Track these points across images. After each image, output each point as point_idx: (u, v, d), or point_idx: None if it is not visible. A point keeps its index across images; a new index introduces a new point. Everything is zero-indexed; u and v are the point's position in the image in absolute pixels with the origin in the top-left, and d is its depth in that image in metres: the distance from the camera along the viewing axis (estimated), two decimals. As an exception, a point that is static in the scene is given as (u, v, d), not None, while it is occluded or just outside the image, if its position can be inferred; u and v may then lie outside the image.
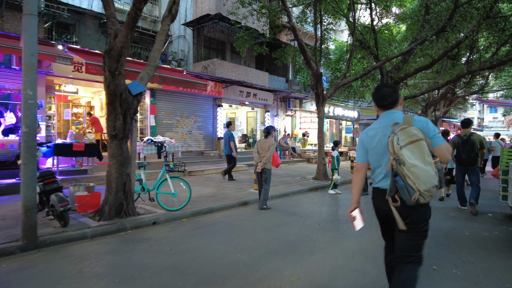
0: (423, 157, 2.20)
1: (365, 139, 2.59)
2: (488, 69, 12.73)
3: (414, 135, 2.22)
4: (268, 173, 6.65)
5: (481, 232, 5.01)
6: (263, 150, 6.62)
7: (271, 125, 7.29)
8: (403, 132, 2.24)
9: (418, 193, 2.17)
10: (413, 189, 2.18)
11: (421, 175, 2.16)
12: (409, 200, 2.21)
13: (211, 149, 14.66)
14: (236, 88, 15.25)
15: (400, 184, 2.22)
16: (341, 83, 10.58)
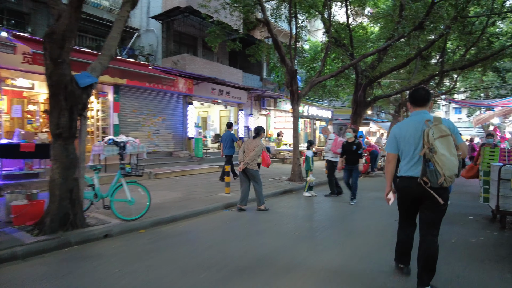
0: (450, 149, 2.77)
1: (398, 132, 3.13)
2: (460, 69, 12.82)
3: (444, 131, 2.81)
4: (254, 173, 6.45)
5: (468, 238, 4.67)
6: (249, 151, 6.44)
7: (260, 126, 7.00)
8: (436, 128, 2.83)
9: (443, 177, 2.74)
10: (440, 174, 2.75)
11: (447, 163, 2.73)
12: (435, 183, 2.80)
13: (180, 150, 13.84)
14: (208, 85, 14.52)
15: (431, 168, 2.79)
16: (316, 81, 10.17)
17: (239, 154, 6.60)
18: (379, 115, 34.12)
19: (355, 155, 7.39)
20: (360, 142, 7.49)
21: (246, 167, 6.37)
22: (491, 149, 5.77)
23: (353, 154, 7.41)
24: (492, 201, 5.44)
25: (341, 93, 21.42)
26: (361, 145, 7.43)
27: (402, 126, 3.13)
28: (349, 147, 7.46)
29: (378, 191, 9.25)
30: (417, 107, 3.13)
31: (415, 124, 3.00)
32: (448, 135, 2.80)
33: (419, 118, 3.02)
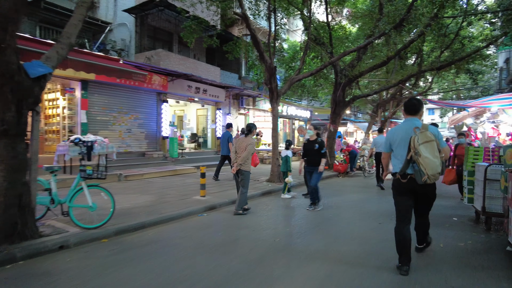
0: (433, 152, 3.24)
1: (391, 136, 3.68)
2: (438, 69, 12.90)
3: (429, 137, 3.28)
4: (246, 174, 6.14)
5: (456, 242, 4.43)
6: (240, 150, 6.11)
7: (252, 123, 6.74)
8: (422, 134, 3.29)
9: (427, 176, 3.23)
10: (424, 173, 3.24)
11: (430, 164, 3.21)
12: (420, 180, 3.29)
13: (154, 150, 13.17)
14: (184, 82, 13.92)
15: (416, 168, 3.32)
16: (296, 78, 9.85)
17: (231, 155, 6.34)
18: (356, 116, 34.48)
19: (317, 155, 6.57)
20: (323, 141, 6.65)
21: (239, 169, 6.08)
22: (475, 148, 5.60)
23: (314, 154, 6.60)
24: (477, 202, 5.26)
25: (320, 93, 21.37)
26: (323, 144, 6.60)
27: (395, 131, 3.68)
28: (310, 146, 6.65)
29: (359, 193, 9.05)
30: (409, 115, 3.66)
31: (406, 131, 3.53)
32: (432, 140, 3.29)
33: (410, 125, 3.53)
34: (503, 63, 21.80)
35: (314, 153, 6.61)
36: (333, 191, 9.25)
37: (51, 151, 10.54)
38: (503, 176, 3.94)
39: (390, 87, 14.41)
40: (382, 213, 6.18)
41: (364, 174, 13.17)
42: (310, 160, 6.69)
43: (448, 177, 7.54)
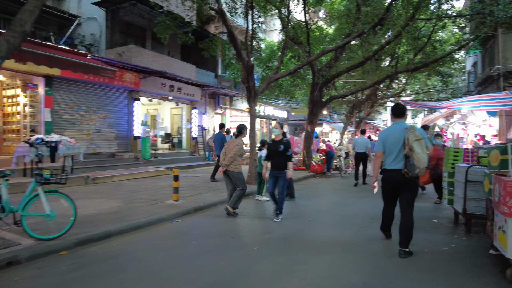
0: (423, 148, 3.81)
1: (384, 137, 4.18)
2: (413, 70, 13.08)
3: (418, 136, 3.85)
4: (236, 175, 5.99)
5: (439, 246, 4.30)
6: (229, 151, 6.01)
7: (243, 124, 6.54)
8: (412, 133, 3.87)
9: (419, 169, 3.76)
10: (417, 167, 3.77)
11: (421, 159, 3.76)
12: (414, 173, 3.82)
13: (125, 151, 12.51)
14: (157, 79, 13.34)
15: (411, 163, 3.81)
16: (274, 77, 9.61)
17: (221, 156, 6.24)
18: (332, 116, 34.86)
19: (283, 158, 5.77)
20: (289, 142, 5.91)
21: (227, 169, 5.95)
22: (455, 149, 5.55)
23: (279, 156, 5.78)
24: (457, 203, 5.20)
25: (297, 94, 21.33)
26: (289, 145, 5.83)
27: (388, 132, 4.21)
28: (275, 147, 5.84)
29: (337, 194, 8.93)
30: (397, 118, 4.29)
31: (398, 131, 4.07)
32: (421, 138, 3.85)
33: (400, 126, 4.12)
34: (471, 67, 22.63)
35: (279, 155, 5.81)
36: (311, 192, 9.08)
37: (11, 152, 9.73)
38: (487, 178, 3.84)
39: (366, 87, 14.52)
40: (362, 216, 6.03)
41: (341, 174, 13.15)
42: (275, 163, 5.87)
43: (422, 177, 7.48)
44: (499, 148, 3.60)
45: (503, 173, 3.48)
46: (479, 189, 4.75)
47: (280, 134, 5.94)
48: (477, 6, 9.52)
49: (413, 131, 3.88)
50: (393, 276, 3.40)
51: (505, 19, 8.36)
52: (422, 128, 7.56)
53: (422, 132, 3.92)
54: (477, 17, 9.15)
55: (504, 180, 3.18)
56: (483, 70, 18.23)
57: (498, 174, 3.55)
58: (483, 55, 18.60)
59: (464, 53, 22.17)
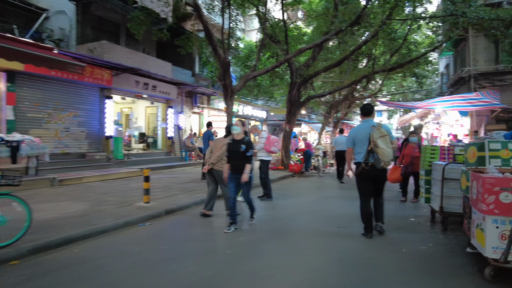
0: (387, 144, 4.38)
1: (354, 134, 4.69)
2: (389, 70, 13.22)
3: (383, 132, 4.41)
4: (219, 174, 5.65)
5: (418, 246, 4.22)
6: (216, 150, 5.77)
7: (232, 124, 6.32)
8: (378, 130, 4.41)
9: (383, 162, 4.36)
10: (381, 160, 4.35)
11: (385, 153, 4.34)
12: (379, 166, 4.39)
13: (96, 151, 11.94)
14: (131, 77, 12.83)
15: (376, 157, 4.40)
16: (251, 75, 9.41)
17: (206, 154, 6.01)
18: (310, 117, 35.08)
19: (244, 159, 5.05)
20: (250, 141, 5.24)
21: (212, 168, 5.70)
22: (431, 147, 5.53)
23: (240, 158, 5.06)
24: (434, 202, 5.16)
25: (276, 93, 21.26)
26: (251, 145, 5.19)
27: (357, 130, 4.72)
28: (235, 147, 5.11)
29: (315, 193, 8.82)
30: (365, 117, 4.82)
31: (365, 129, 4.55)
32: (386, 135, 4.37)
33: (367, 124, 4.61)
34: (443, 69, 23.31)
35: (240, 156, 5.08)
36: (289, 192, 8.94)
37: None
38: (464, 175, 3.77)
39: (343, 87, 14.58)
40: (340, 216, 5.91)
41: (319, 174, 13.10)
42: (235, 165, 5.12)
43: (393, 174, 7.13)
44: (476, 145, 3.54)
45: (480, 170, 3.41)
46: (455, 187, 4.72)
47: (241, 132, 5.23)
48: (450, 7, 9.70)
49: (379, 129, 4.41)
50: (371, 279, 3.25)
51: (477, 20, 8.53)
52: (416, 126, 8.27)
53: (387, 129, 4.48)
54: (450, 18, 9.30)
55: (482, 177, 3.09)
56: (455, 71, 18.78)
57: (476, 171, 3.48)
58: (455, 58, 19.17)
59: (437, 55, 22.84)
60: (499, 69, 15.04)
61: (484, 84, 15.17)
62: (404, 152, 7.19)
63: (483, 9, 8.71)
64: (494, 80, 15.07)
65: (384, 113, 54.23)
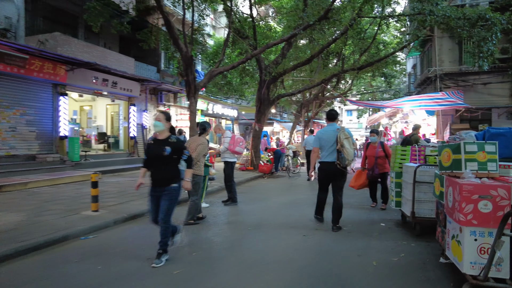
0: (350, 145, 4.93)
1: (321, 136, 5.22)
2: (358, 69, 13.13)
3: (347, 134, 4.98)
4: (197, 179, 5.26)
5: (389, 257, 3.87)
6: (190, 151, 4.84)
7: (205, 121, 6.05)
8: (342, 133, 4.95)
9: (348, 161, 4.89)
10: (346, 159, 4.87)
11: (349, 153, 4.87)
12: (344, 164, 4.91)
13: (48, 152, 10.92)
14: (88, 72, 11.86)
15: (342, 156, 4.89)
16: (216, 71, 8.87)
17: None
18: (282, 116, 34.96)
19: (169, 166, 3.74)
20: (180, 141, 3.83)
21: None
22: (402, 148, 5.25)
23: (164, 164, 3.71)
24: (405, 206, 4.88)
25: (246, 92, 20.80)
26: (181, 147, 3.79)
27: (323, 132, 5.22)
28: (157, 150, 3.71)
29: (283, 195, 8.43)
30: (330, 121, 5.35)
31: (330, 132, 5.07)
32: (349, 137, 4.92)
33: (332, 128, 5.14)
34: (411, 69, 23.83)
35: (163, 163, 3.71)
36: (257, 194, 8.50)
37: None
38: (438, 180, 3.47)
39: (313, 86, 14.36)
40: (307, 221, 5.53)
41: (289, 174, 12.79)
42: (156, 176, 3.75)
43: (358, 180, 6.75)
44: (451, 147, 3.22)
45: (456, 174, 3.09)
46: (427, 190, 4.46)
47: (165, 129, 3.78)
48: (418, 6, 9.64)
49: (343, 131, 4.95)
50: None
51: (444, 19, 8.47)
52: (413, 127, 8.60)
53: (349, 132, 5.04)
54: (418, 17, 9.22)
55: (459, 183, 2.77)
56: (422, 72, 19.15)
57: (451, 175, 3.17)
58: (422, 58, 19.55)
59: (405, 56, 23.33)
60: (463, 69, 15.40)
61: (449, 84, 15.48)
62: (367, 153, 6.76)
63: (450, 8, 8.67)
64: (458, 80, 15.41)
65: (354, 112, 55.36)
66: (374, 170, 6.54)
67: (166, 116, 3.85)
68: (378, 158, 6.48)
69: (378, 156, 6.48)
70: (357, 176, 6.93)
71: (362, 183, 6.77)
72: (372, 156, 6.60)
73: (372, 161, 6.59)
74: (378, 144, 6.59)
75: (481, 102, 14.78)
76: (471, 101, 14.19)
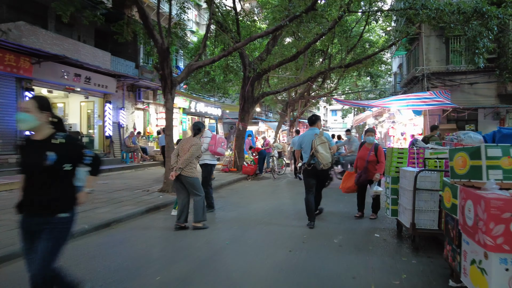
0: (326, 149, 5.14)
1: (301, 139, 5.59)
2: (346, 66, 12.67)
3: (323, 139, 5.20)
4: (192, 181, 5.09)
5: (389, 279, 3.29)
6: (183, 152, 5.13)
7: (199, 121, 5.92)
8: (318, 138, 5.19)
9: (322, 165, 5.09)
10: (320, 163, 5.08)
11: (324, 157, 5.07)
12: (319, 167, 5.12)
13: (11, 153, 9.96)
14: (57, 66, 10.92)
15: (316, 160, 5.13)
16: (195, 65, 8.16)
17: (172, 158, 5.29)
18: (267, 115, 34.43)
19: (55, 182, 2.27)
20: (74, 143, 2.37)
21: (180, 174, 4.99)
22: (399, 150, 4.71)
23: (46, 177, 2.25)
24: (403, 215, 4.33)
25: (230, 90, 20.13)
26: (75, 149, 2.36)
27: (304, 136, 5.62)
28: (33, 158, 2.25)
29: (267, 200, 7.81)
30: (311, 125, 5.67)
31: (310, 136, 5.42)
32: (325, 142, 5.21)
33: (312, 132, 5.48)
34: (397, 69, 23.66)
35: (45, 177, 2.25)
36: (238, 199, 7.87)
37: None
38: (449, 190, 2.92)
39: (299, 84, 13.82)
40: (293, 233, 4.94)
41: (274, 176, 12.20)
42: (31, 197, 2.27)
43: (347, 182, 6.21)
44: (467, 150, 2.67)
45: (474, 184, 2.54)
46: (428, 198, 3.93)
47: (42, 124, 2.29)
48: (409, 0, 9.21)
49: (320, 137, 5.18)
50: None
51: (437, 13, 8.05)
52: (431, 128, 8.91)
53: (327, 136, 5.32)
54: (411, 11, 8.77)
55: (485, 198, 2.21)
56: (408, 71, 18.92)
57: (467, 185, 2.62)
58: (408, 57, 19.33)
59: (391, 55, 23.15)
60: (450, 69, 15.18)
61: (436, 83, 15.23)
62: (358, 155, 6.11)
63: (444, 2, 8.26)
64: (445, 80, 15.18)
65: (339, 112, 55.39)
66: (361, 175, 5.83)
67: (40, 103, 2.29)
68: (368, 163, 5.74)
69: (369, 160, 5.73)
70: (346, 177, 6.36)
71: (350, 186, 6.17)
72: (362, 158, 5.86)
73: (362, 164, 5.85)
74: (372, 147, 5.82)
75: (468, 102, 14.59)
76: (457, 101, 13.96)
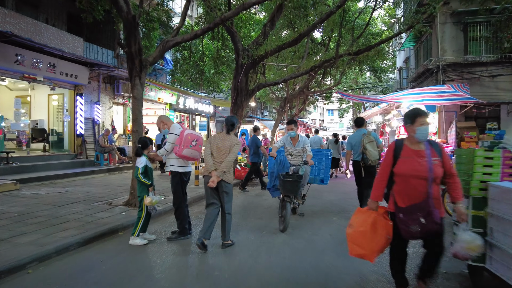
0: (374, 147, 5.79)
1: (351, 140, 6.31)
2: (355, 54, 10.94)
3: (371, 138, 5.85)
4: (229, 189, 4.15)
5: None
6: (221, 153, 4.08)
7: (233, 116, 4.55)
8: (367, 137, 5.83)
9: (371, 161, 5.70)
10: (369, 159, 5.70)
11: (372, 154, 5.71)
12: (367, 163, 5.75)
13: None
14: (8, 48, 8.98)
15: (365, 157, 5.77)
16: (172, 41, 6.33)
17: (206, 159, 4.16)
18: (263, 114, 32.71)
19: None
20: None
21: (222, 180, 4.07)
22: (484, 152, 2.93)
23: None
24: (503, 265, 2.56)
25: (222, 85, 18.39)
26: None
27: (353, 136, 6.36)
28: None
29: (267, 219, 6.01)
30: (358, 127, 6.43)
31: (358, 136, 6.11)
32: (373, 140, 5.86)
33: (360, 133, 6.15)
34: (402, 63, 22.04)
35: None
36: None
37: None
38: None
39: (301, 74, 12.05)
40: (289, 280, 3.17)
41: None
42: None
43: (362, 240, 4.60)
44: None
45: None
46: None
47: None
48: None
49: (368, 136, 5.83)
50: None
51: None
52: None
53: (375, 135, 5.99)
54: None
55: None
56: (417, 65, 17.27)
57: None
58: (417, 49, 17.68)
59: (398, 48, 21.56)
60: (468, 60, 13.53)
61: (453, 76, 13.59)
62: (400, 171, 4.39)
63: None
64: (463, 72, 13.53)
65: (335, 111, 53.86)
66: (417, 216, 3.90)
67: None
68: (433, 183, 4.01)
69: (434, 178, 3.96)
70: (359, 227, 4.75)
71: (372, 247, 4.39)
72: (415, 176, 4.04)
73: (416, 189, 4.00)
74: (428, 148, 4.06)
75: (487, 97, 12.93)
76: (476, 96, 12.33)
